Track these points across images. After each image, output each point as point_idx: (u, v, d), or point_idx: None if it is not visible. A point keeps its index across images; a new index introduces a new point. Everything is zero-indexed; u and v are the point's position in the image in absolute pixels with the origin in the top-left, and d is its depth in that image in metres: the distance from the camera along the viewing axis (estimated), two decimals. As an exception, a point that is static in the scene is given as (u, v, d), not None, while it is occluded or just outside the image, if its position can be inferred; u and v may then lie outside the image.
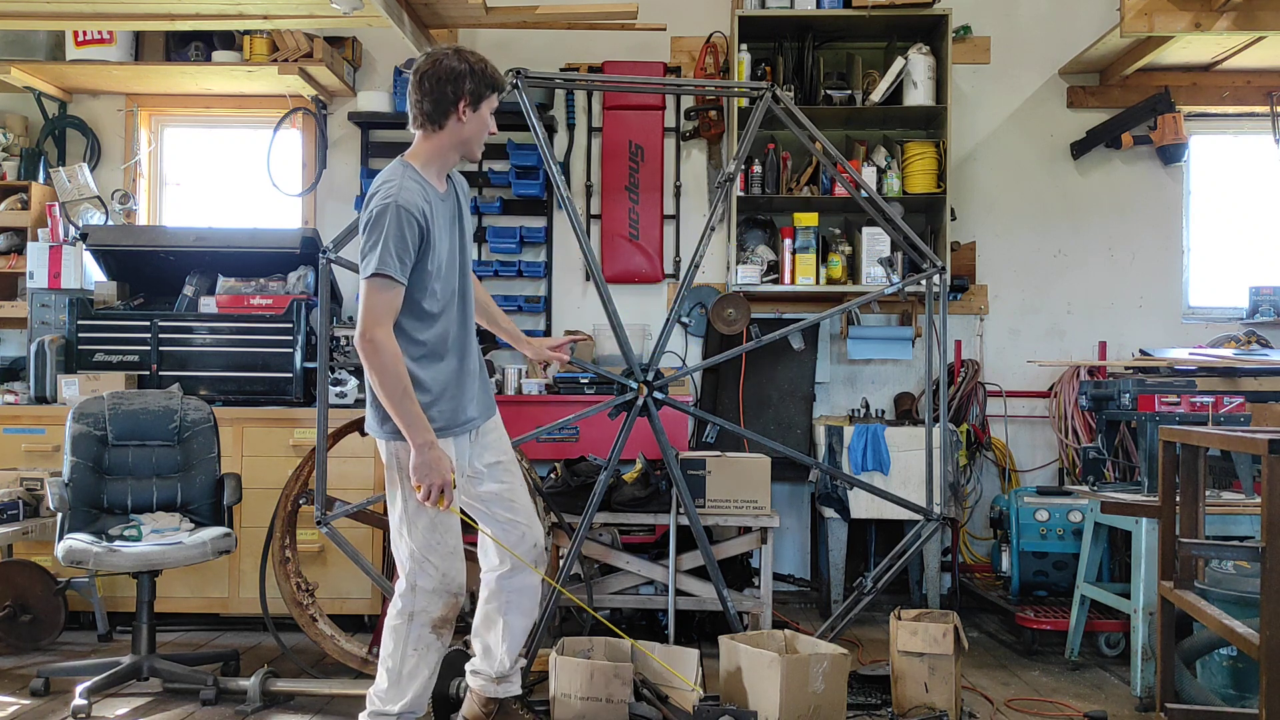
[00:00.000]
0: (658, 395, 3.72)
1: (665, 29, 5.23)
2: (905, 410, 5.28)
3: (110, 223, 5.20)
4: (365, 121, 5.39)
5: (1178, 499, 3.14)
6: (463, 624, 4.48)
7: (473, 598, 3.18)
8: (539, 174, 5.25)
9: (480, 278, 5.37)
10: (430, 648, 2.91)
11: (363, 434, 4.10)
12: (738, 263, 5.09)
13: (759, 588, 4.17)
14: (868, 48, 5.31)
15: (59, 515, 3.68)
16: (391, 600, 2.96)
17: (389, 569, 4.35)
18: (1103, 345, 5.42)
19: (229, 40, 5.14)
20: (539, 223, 5.46)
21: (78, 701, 3.39)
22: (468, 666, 3.18)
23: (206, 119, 5.68)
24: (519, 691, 3.17)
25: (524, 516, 3.06)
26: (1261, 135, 5.47)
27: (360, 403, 4.63)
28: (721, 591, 3.75)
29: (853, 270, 5.16)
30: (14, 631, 4.22)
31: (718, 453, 4.23)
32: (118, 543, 3.65)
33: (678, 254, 5.45)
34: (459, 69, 2.72)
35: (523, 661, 3.21)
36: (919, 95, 5.06)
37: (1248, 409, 4.44)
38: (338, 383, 4.61)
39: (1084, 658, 4.18)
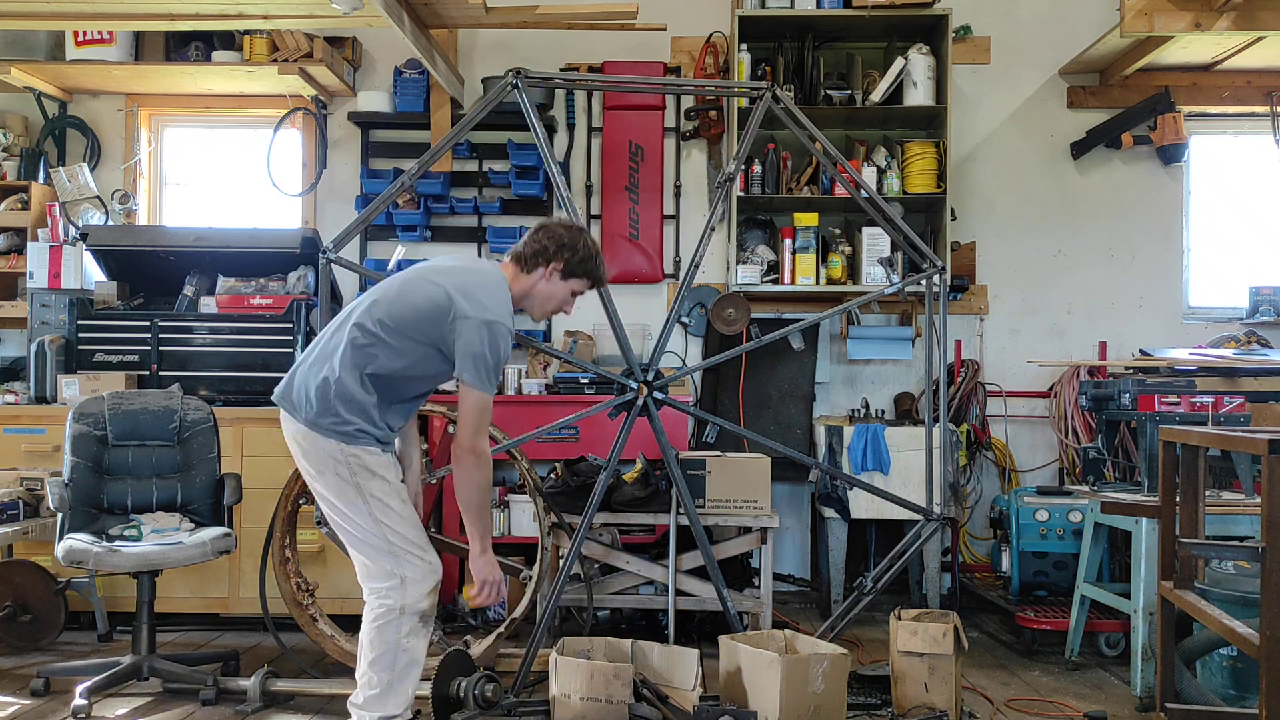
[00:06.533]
0: (658, 395, 3.72)
1: (665, 29, 5.23)
2: (905, 410, 5.28)
3: (110, 223, 5.20)
4: (365, 121, 5.40)
5: (1178, 499, 3.14)
6: (463, 623, 4.49)
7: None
8: (539, 174, 5.24)
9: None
10: (419, 635, 2.95)
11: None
12: (738, 263, 5.08)
13: (759, 588, 4.17)
14: (868, 48, 5.31)
15: (59, 515, 3.67)
16: (367, 605, 2.93)
17: (389, 569, 4.34)
18: (1103, 345, 5.42)
19: (229, 40, 5.14)
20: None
21: (78, 701, 3.39)
22: (349, 703, 3.00)
23: (206, 119, 5.68)
24: None
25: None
26: (1261, 135, 5.47)
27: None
28: (721, 591, 3.75)
29: (853, 270, 5.15)
30: (14, 631, 4.22)
31: (718, 453, 4.22)
32: (118, 543, 3.64)
33: (678, 254, 5.45)
34: (568, 241, 3.05)
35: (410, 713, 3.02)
36: (919, 95, 5.06)
37: (1248, 409, 4.44)
38: (338, 383, 4.61)
39: (1084, 658, 4.18)
